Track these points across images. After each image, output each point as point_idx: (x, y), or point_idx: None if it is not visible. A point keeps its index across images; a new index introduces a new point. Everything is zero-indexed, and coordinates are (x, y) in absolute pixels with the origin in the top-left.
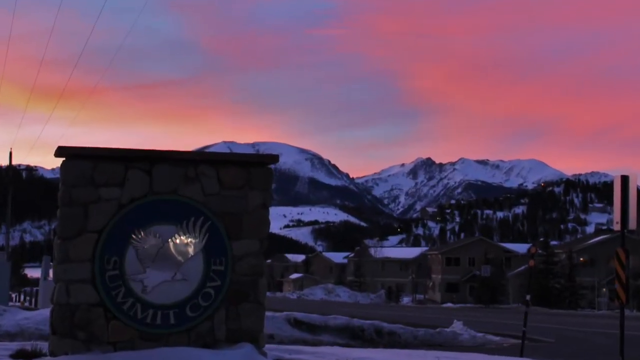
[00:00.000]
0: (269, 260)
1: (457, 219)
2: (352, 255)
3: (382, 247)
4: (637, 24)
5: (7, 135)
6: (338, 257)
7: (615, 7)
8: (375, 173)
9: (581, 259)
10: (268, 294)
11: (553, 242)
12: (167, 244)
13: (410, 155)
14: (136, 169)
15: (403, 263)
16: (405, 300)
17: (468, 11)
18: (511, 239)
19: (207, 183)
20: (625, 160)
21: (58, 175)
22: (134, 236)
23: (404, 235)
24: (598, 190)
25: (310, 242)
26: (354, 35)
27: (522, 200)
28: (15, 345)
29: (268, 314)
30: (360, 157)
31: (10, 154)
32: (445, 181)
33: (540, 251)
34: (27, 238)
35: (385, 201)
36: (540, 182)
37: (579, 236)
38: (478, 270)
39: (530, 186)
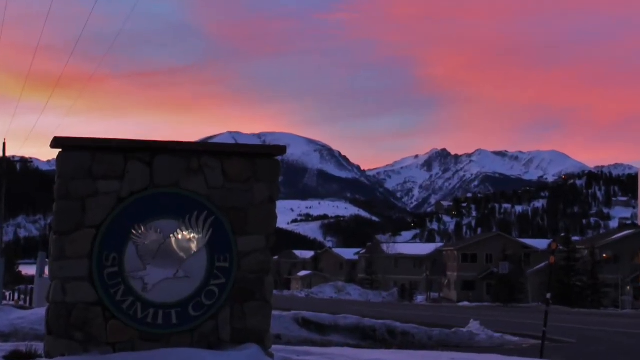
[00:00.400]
0: (276, 257)
1: (474, 214)
2: (363, 251)
3: (394, 242)
4: None
5: (0, 126)
6: (348, 253)
7: None
8: (387, 165)
9: (604, 255)
10: (275, 292)
11: (575, 238)
12: (169, 240)
13: (425, 146)
14: (136, 161)
15: (417, 260)
16: (419, 298)
17: None
18: (530, 234)
19: (210, 175)
20: None
21: (54, 168)
22: (134, 231)
23: (417, 231)
24: (622, 183)
25: (320, 238)
26: (366, 20)
27: (542, 194)
28: (9, 346)
29: (275, 313)
30: (372, 148)
31: (4, 144)
32: (461, 173)
33: (561, 247)
34: (22, 233)
35: (398, 194)
36: (561, 175)
37: (602, 231)
38: (496, 267)
39: (550, 179)
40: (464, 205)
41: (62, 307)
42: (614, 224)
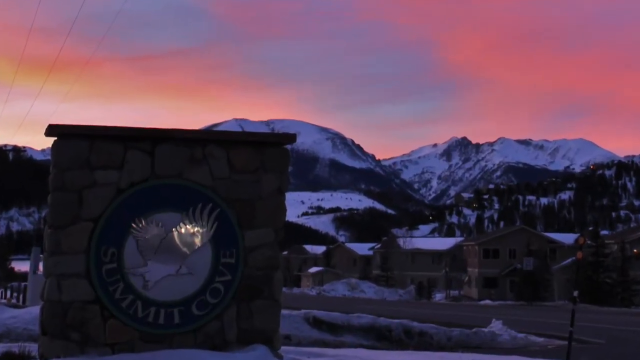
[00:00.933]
0: (285, 252)
1: (496, 206)
2: (378, 246)
3: (411, 237)
4: None
5: None
6: (362, 248)
7: None
8: (404, 154)
9: (635, 250)
10: (284, 289)
11: (603, 232)
12: (171, 234)
13: (444, 134)
14: (136, 150)
15: (435, 255)
16: (438, 296)
17: None
18: (556, 228)
19: (215, 165)
20: None
21: (49, 157)
22: (134, 225)
23: (436, 224)
24: None
25: (332, 232)
26: (381, 0)
27: (569, 185)
28: (0, 348)
29: (284, 312)
30: (388, 137)
31: None
32: (482, 163)
33: (589, 242)
34: (15, 227)
35: (416, 186)
36: (589, 165)
37: (632, 225)
38: (519, 263)
39: (577, 169)
40: (486, 197)
41: (58, 306)
42: None
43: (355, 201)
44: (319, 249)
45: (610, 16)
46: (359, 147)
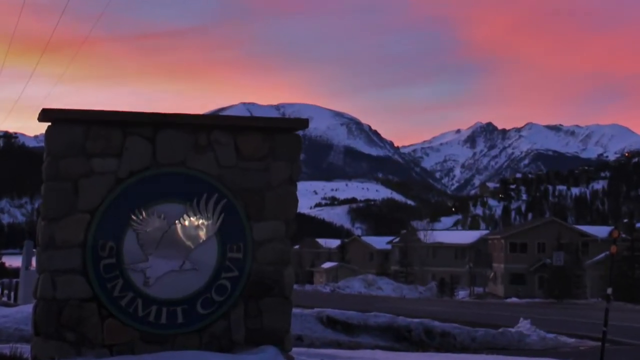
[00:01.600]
0: (296, 246)
1: (524, 197)
2: (396, 240)
3: (433, 230)
4: None
5: None
6: (380, 242)
7: None
8: (425, 141)
9: None
10: (296, 286)
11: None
12: (174, 227)
13: (468, 119)
14: (137, 136)
15: (458, 249)
16: (461, 294)
17: None
18: (589, 220)
19: (222, 153)
20: None
21: (42, 144)
22: (133, 217)
23: (459, 216)
24: None
25: (347, 224)
26: None
27: (602, 174)
28: None
29: (296, 310)
30: (407, 122)
31: None
32: (509, 151)
33: (623, 235)
34: (5, 219)
35: (437, 175)
36: (624, 152)
37: None
38: (549, 258)
39: (612, 157)
40: (513, 187)
41: (52, 304)
42: None
43: (372, 191)
44: (333, 243)
45: None
46: (376, 133)
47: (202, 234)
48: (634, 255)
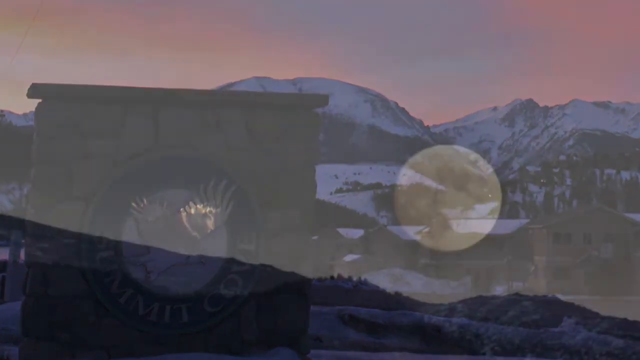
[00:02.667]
0: (315, 237)
1: (568, 182)
2: (426, 229)
3: (467, 219)
4: None
5: None
6: (408, 232)
7: None
8: (458, 119)
9: None
10: (314, 281)
11: None
12: (179, 216)
13: (506, 96)
14: (137, 115)
15: (496, 240)
16: (499, 289)
17: None
18: None
19: (232, 133)
20: None
21: (32, 123)
22: (134, 205)
23: (496, 203)
24: None
25: (371, 212)
26: None
27: None
28: None
29: (314, 308)
30: (438, 99)
31: None
32: (552, 130)
33: None
34: None
35: (472, 157)
36: None
37: None
38: (596, 249)
39: None
40: (556, 170)
41: (43, 301)
42: None
43: (400, 175)
44: (356, 233)
45: None
46: (403, 110)
47: (210, 223)
48: None
